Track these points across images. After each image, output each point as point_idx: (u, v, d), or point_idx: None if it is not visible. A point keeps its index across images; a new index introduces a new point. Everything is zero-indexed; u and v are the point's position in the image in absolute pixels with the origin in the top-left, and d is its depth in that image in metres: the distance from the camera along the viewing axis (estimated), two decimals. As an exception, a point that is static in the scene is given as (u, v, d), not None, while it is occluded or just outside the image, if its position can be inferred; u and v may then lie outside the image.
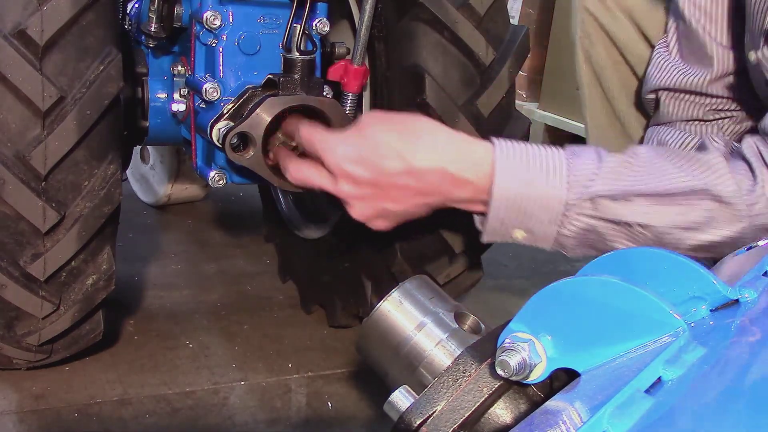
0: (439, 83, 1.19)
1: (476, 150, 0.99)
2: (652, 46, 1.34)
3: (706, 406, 0.41)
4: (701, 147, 1.05)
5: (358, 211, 1.02)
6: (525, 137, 1.31)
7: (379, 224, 1.04)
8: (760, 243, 0.84)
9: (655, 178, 0.98)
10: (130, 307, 1.48)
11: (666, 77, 1.26)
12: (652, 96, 1.32)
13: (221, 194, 2.08)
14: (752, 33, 1.10)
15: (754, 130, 1.09)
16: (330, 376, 1.33)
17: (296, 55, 1.10)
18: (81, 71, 1.01)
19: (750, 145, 1.00)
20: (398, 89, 1.24)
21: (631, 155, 1.01)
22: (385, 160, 0.96)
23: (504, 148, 0.98)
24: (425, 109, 1.19)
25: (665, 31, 1.32)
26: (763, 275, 0.64)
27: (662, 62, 1.27)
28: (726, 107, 1.23)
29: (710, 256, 1.02)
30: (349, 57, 1.25)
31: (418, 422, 0.61)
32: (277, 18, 1.17)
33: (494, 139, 1.00)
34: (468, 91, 1.21)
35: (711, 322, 0.56)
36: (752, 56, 1.05)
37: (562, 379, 0.57)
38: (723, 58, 1.20)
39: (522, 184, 0.96)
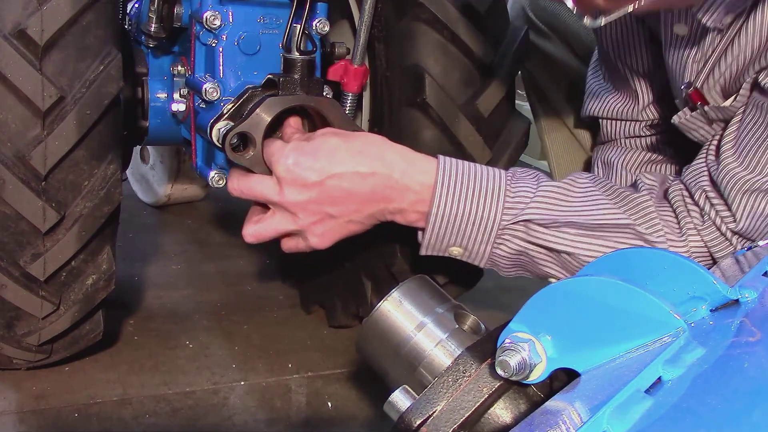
0: (439, 83, 1.19)
1: (421, 162, 1.03)
2: (586, 64, 1.38)
3: (706, 406, 0.41)
4: (635, 184, 1.08)
5: (301, 221, 1.04)
6: (525, 137, 1.31)
7: (318, 240, 1.06)
8: (761, 243, 0.84)
9: (587, 209, 1.03)
10: (130, 307, 1.48)
11: (600, 106, 1.30)
12: (588, 113, 1.34)
13: (221, 194, 2.07)
14: (675, 88, 1.13)
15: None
16: (330, 376, 1.33)
17: (296, 55, 1.10)
18: (81, 71, 1.01)
19: (677, 192, 1.04)
20: (398, 89, 1.24)
21: (570, 182, 1.05)
22: (333, 163, 1.00)
23: (447, 165, 1.02)
24: (425, 109, 1.19)
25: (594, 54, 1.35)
26: (763, 275, 0.64)
27: (596, 88, 1.31)
28: (661, 122, 1.25)
29: None
30: (349, 57, 1.25)
31: (418, 422, 0.61)
32: (277, 18, 1.17)
33: (440, 156, 1.04)
34: (468, 91, 1.21)
35: (711, 322, 0.56)
36: (675, 119, 1.10)
37: (562, 379, 0.57)
38: (646, 89, 1.24)
39: (460, 203, 1.01)
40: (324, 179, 1.00)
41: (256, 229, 1.08)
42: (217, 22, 1.13)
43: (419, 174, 1.01)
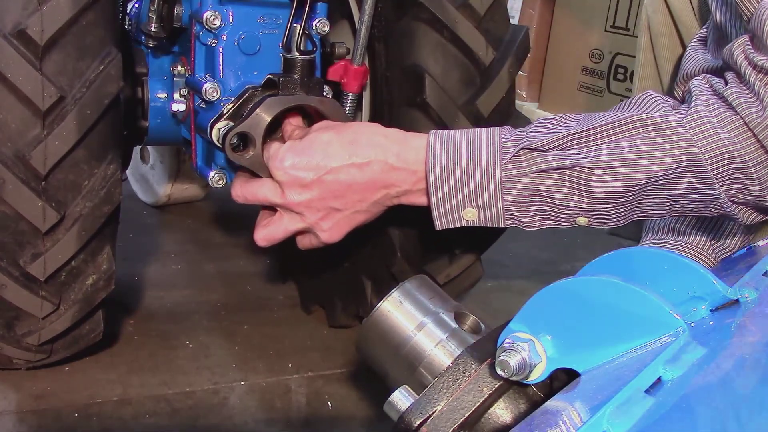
0: (439, 83, 1.19)
1: (414, 141, 1.02)
2: (701, 21, 1.33)
3: (706, 406, 0.41)
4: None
5: (308, 219, 1.04)
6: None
7: (328, 234, 1.06)
8: (760, 243, 0.84)
9: (585, 122, 0.98)
10: (130, 307, 1.48)
11: (694, 66, 1.24)
12: (680, 92, 1.31)
13: (221, 194, 2.07)
14: None
15: None
16: (330, 376, 1.33)
17: (296, 55, 1.10)
18: (81, 71, 1.01)
19: (698, 78, 0.99)
20: (398, 89, 1.24)
21: (566, 113, 1.01)
22: (328, 158, 1.00)
23: (438, 132, 1.01)
24: (425, 109, 1.19)
25: (702, 24, 1.31)
26: (763, 275, 0.64)
27: (695, 55, 1.26)
28: None
29: (672, 203, 0.98)
30: (349, 57, 1.25)
31: (418, 422, 0.61)
32: (277, 18, 1.17)
33: (432, 131, 1.02)
34: (468, 91, 1.21)
35: (711, 322, 0.56)
36: None
37: (562, 379, 0.57)
38: None
39: (456, 152, 0.99)
40: (322, 176, 1.00)
41: (266, 233, 1.09)
42: (217, 22, 1.13)
43: (414, 152, 1.00)
